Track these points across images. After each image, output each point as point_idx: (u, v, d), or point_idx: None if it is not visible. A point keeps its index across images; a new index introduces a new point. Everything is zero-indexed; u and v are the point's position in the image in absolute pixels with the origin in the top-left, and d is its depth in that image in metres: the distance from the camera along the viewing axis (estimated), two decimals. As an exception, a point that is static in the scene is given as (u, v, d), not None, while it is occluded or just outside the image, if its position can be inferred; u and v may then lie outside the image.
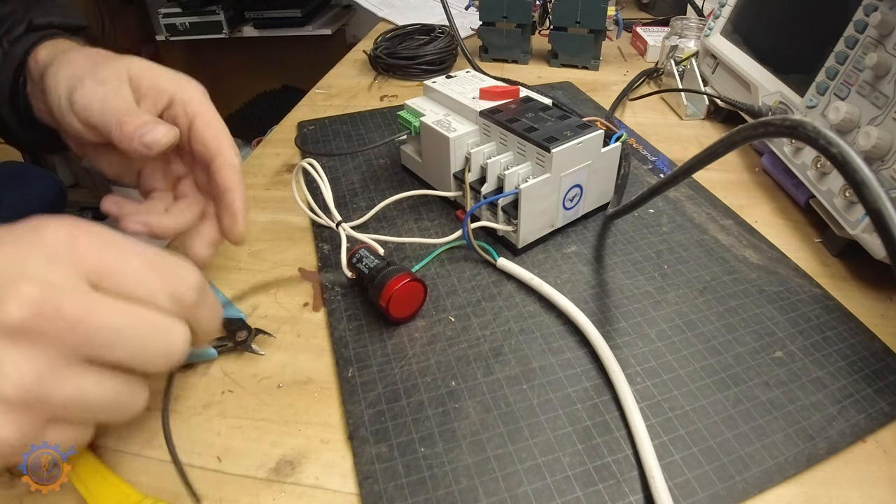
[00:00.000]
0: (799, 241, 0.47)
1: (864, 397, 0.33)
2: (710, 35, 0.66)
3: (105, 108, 0.32)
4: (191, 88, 0.36)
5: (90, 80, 0.33)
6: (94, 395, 0.23)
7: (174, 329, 0.25)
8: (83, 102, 0.32)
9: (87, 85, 0.33)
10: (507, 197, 0.43)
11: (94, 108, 0.32)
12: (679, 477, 0.30)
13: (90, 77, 0.33)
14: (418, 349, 0.37)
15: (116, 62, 0.34)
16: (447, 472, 0.30)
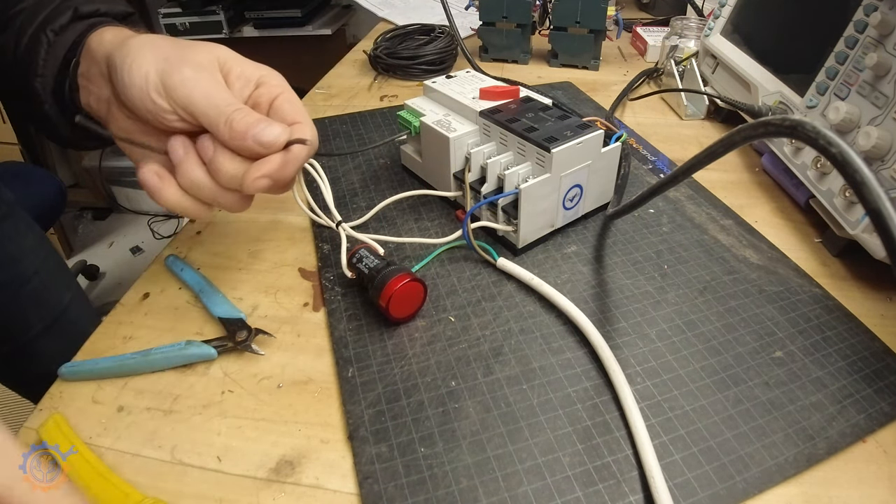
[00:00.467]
0: (799, 241, 0.47)
1: (864, 397, 0.33)
2: (710, 35, 0.65)
3: (210, 100, 0.32)
4: (275, 74, 0.36)
5: (189, 67, 0.32)
6: None
7: None
8: (184, 90, 0.32)
9: (186, 72, 0.32)
10: (507, 197, 0.43)
11: (196, 98, 0.32)
12: (679, 477, 0.30)
13: (187, 63, 0.32)
14: (418, 349, 0.37)
15: (203, 48, 0.34)
16: (447, 472, 0.30)
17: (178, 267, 0.44)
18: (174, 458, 0.32)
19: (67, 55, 0.36)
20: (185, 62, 0.32)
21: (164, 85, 0.32)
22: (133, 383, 0.36)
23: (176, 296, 0.43)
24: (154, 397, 0.35)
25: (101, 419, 0.34)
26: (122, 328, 0.40)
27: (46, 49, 0.36)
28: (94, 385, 0.36)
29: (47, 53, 0.36)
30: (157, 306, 0.42)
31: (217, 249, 0.47)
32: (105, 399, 0.35)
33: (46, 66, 0.36)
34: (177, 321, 0.41)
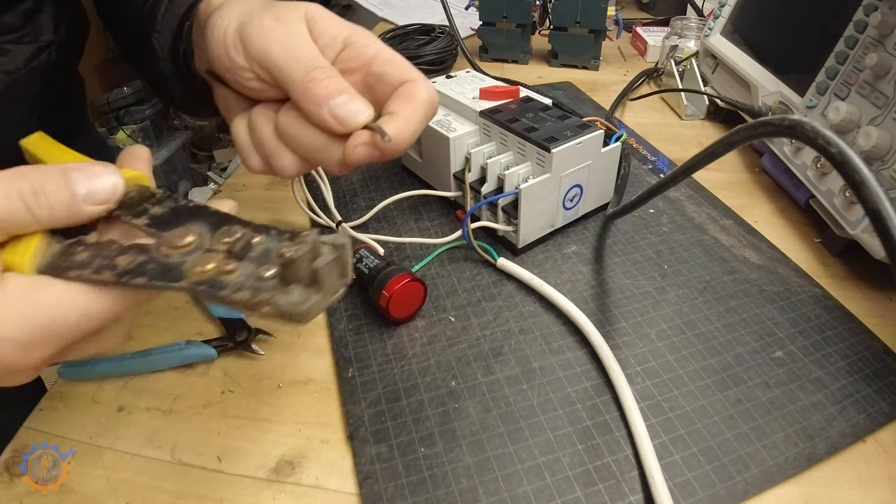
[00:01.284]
0: (799, 241, 0.46)
1: (864, 397, 0.33)
2: (710, 35, 0.65)
3: (288, 53, 0.27)
4: (365, 33, 0.30)
5: (268, 17, 0.28)
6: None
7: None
8: (260, 41, 0.28)
9: (266, 21, 0.28)
10: (507, 197, 0.43)
11: (273, 49, 0.27)
12: (679, 477, 0.30)
13: (268, 13, 0.28)
14: (418, 349, 0.37)
15: (291, 2, 0.30)
16: (447, 472, 0.30)
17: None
18: (174, 458, 0.32)
19: (183, 18, 0.34)
20: (267, 13, 0.28)
21: (240, 37, 0.28)
22: (133, 383, 0.36)
23: (176, 296, 0.43)
24: (154, 397, 0.35)
25: (101, 419, 0.34)
26: (122, 328, 0.40)
27: (166, 6, 0.35)
28: (94, 385, 0.36)
29: (166, 10, 0.35)
30: (157, 306, 0.42)
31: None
32: (105, 399, 0.35)
33: (164, 24, 0.34)
34: (177, 321, 0.41)
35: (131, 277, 0.20)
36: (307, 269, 0.20)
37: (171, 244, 0.21)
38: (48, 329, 0.20)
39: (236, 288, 0.20)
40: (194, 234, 0.21)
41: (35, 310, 0.20)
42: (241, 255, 0.21)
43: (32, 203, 0.20)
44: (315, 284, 0.20)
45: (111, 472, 0.31)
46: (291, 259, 0.19)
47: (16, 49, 0.38)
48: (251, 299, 0.19)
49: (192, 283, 0.20)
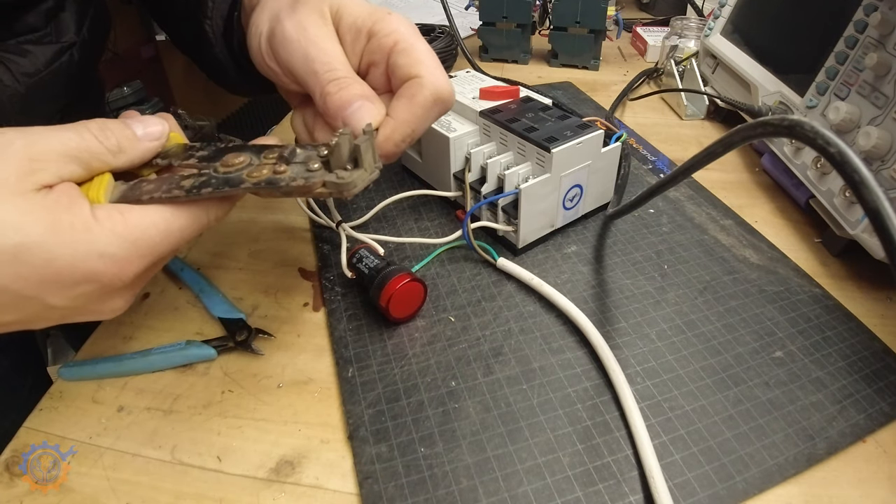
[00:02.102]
0: (799, 241, 0.46)
1: (864, 397, 0.33)
2: (710, 35, 0.65)
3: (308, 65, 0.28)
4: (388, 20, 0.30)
5: (291, 23, 0.29)
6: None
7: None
8: (284, 54, 0.29)
9: (288, 28, 0.28)
10: (507, 197, 0.43)
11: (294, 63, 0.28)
12: (679, 477, 0.30)
13: (291, 18, 0.29)
14: (418, 349, 0.37)
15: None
16: (447, 472, 0.30)
17: (178, 267, 0.44)
18: (174, 458, 0.32)
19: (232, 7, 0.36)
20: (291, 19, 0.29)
21: (270, 47, 0.29)
22: (133, 383, 0.36)
23: (176, 296, 0.43)
24: (154, 397, 0.35)
25: (101, 419, 0.34)
26: (122, 328, 0.40)
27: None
28: (94, 385, 0.36)
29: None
30: (157, 306, 0.42)
31: (217, 249, 0.47)
32: (105, 399, 0.35)
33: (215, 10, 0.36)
34: (177, 321, 0.41)
35: (199, 190, 0.23)
36: (347, 153, 0.23)
37: (227, 163, 0.24)
38: (137, 244, 0.23)
39: (291, 179, 0.23)
40: (244, 156, 0.25)
41: (124, 227, 0.23)
42: (288, 160, 0.24)
43: (101, 136, 0.24)
44: (355, 162, 0.24)
45: (111, 472, 0.31)
46: (335, 145, 0.23)
47: (36, 50, 0.38)
48: (306, 183, 0.23)
49: (253, 183, 0.23)
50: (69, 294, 0.23)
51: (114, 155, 0.24)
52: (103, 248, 0.22)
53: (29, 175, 0.22)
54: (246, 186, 0.23)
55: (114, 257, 0.22)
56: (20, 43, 0.37)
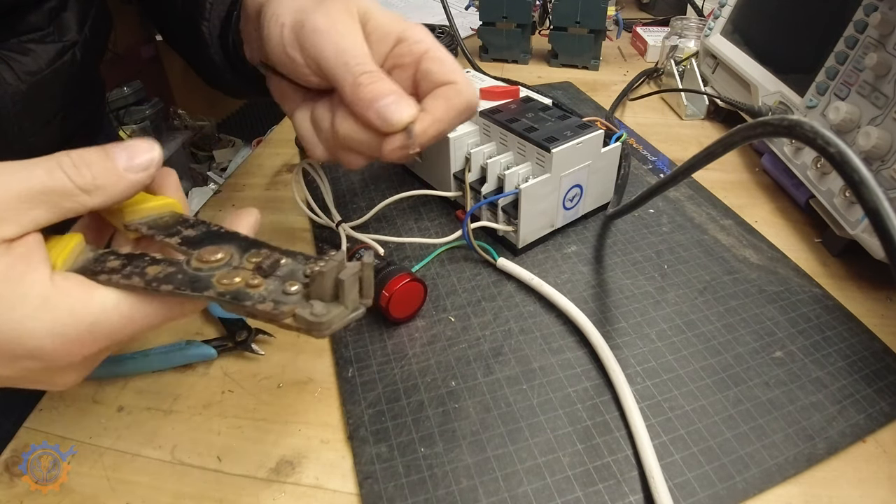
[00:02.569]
0: (799, 241, 0.46)
1: (864, 397, 0.33)
2: (710, 35, 0.65)
3: (339, 57, 0.28)
4: (417, 28, 0.31)
5: (321, 15, 0.29)
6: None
7: None
8: (313, 43, 0.29)
9: (319, 20, 0.29)
10: (507, 197, 0.43)
11: (325, 53, 0.28)
12: (679, 477, 0.30)
13: (320, 11, 0.29)
14: (418, 349, 0.37)
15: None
16: (447, 472, 0.30)
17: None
18: (174, 458, 0.32)
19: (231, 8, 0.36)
20: (320, 9, 0.29)
21: (296, 37, 0.29)
22: (133, 383, 0.36)
23: (176, 296, 0.43)
24: (154, 397, 0.35)
25: (101, 419, 0.34)
26: (122, 328, 0.40)
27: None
28: (94, 385, 0.36)
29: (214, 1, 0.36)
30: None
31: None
32: (105, 399, 0.35)
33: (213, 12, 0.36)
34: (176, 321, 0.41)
35: (160, 284, 0.21)
36: (331, 284, 0.20)
37: (201, 259, 0.22)
38: (93, 328, 0.21)
39: (260, 300, 0.20)
40: (224, 252, 0.22)
41: (83, 307, 0.20)
42: (267, 272, 0.21)
43: (73, 172, 0.21)
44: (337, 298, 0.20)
45: (111, 472, 0.31)
46: (318, 273, 0.20)
47: (39, 49, 0.37)
48: (273, 310, 0.20)
49: (217, 292, 0.20)
50: (13, 366, 0.21)
51: (89, 194, 0.21)
52: (54, 326, 0.20)
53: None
54: (208, 295, 0.20)
55: (65, 337, 0.20)
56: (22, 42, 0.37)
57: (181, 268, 0.22)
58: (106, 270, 0.21)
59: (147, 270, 0.21)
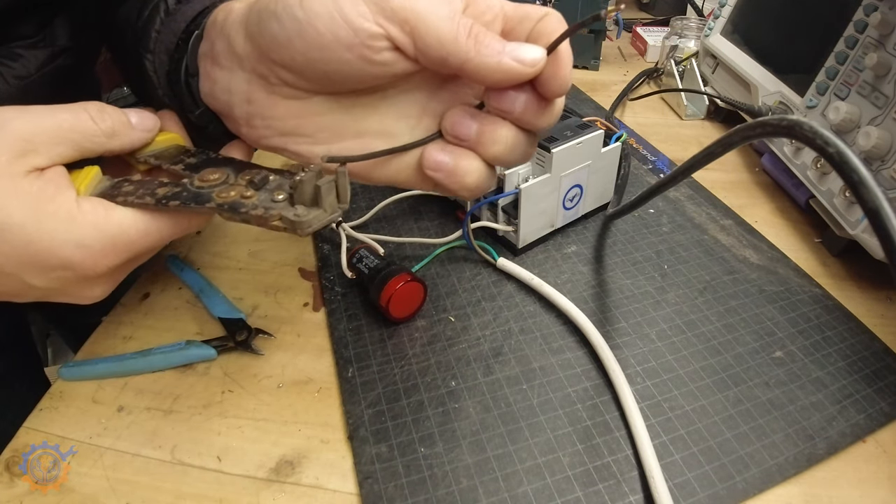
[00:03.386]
0: (799, 241, 0.46)
1: (864, 397, 0.33)
2: (710, 35, 0.65)
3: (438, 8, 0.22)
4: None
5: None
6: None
7: None
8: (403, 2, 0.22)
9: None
10: (507, 197, 0.43)
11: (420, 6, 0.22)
12: (679, 477, 0.30)
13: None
14: (418, 349, 0.37)
15: None
16: (447, 472, 0.30)
17: (178, 267, 0.44)
18: (174, 458, 0.32)
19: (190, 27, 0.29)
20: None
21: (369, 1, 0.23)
22: (133, 383, 0.36)
23: (176, 296, 0.43)
24: (154, 397, 0.35)
25: (101, 419, 0.34)
26: (122, 328, 0.40)
27: (162, 19, 0.29)
28: (94, 385, 0.36)
29: (162, 25, 0.29)
30: (157, 306, 0.42)
31: (217, 249, 0.47)
32: (105, 399, 0.35)
33: (159, 42, 0.29)
34: (177, 321, 0.41)
35: (168, 201, 0.24)
36: (311, 190, 0.23)
37: (203, 178, 0.25)
38: (115, 240, 0.24)
39: (252, 207, 0.24)
40: (221, 173, 0.26)
41: (105, 222, 0.24)
42: (258, 185, 0.25)
43: (97, 117, 0.25)
44: (316, 202, 0.23)
45: (111, 472, 0.31)
46: (298, 182, 0.23)
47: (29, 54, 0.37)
48: (264, 214, 0.23)
49: (217, 204, 0.24)
50: (47, 276, 0.24)
51: (108, 138, 0.25)
52: (81, 238, 0.23)
53: (21, 157, 0.23)
54: (210, 206, 0.24)
55: (90, 249, 0.23)
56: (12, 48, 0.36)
57: (186, 187, 0.25)
58: (122, 194, 0.25)
59: (157, 191, 0.25)
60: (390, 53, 0.23)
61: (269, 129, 0.26)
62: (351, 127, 0.26)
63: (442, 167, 0.25)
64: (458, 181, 0.25)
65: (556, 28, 0.24)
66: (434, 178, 0.25)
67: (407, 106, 0.26)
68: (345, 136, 0.26)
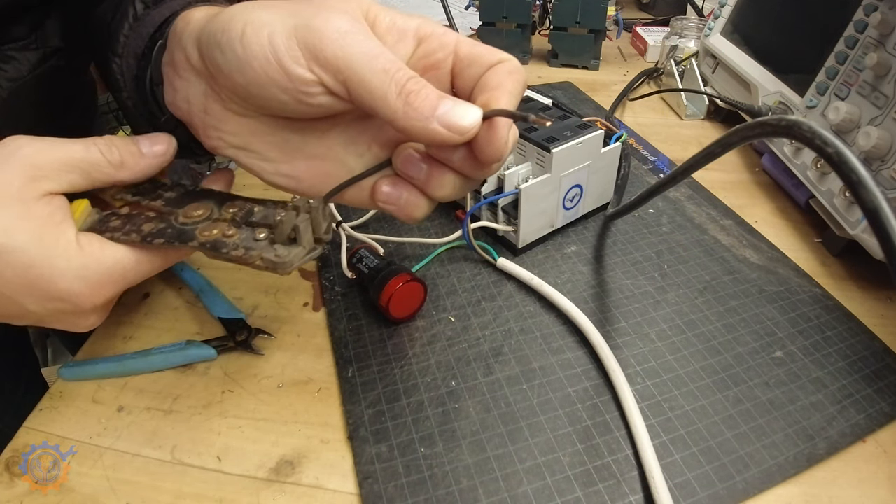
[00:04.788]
0: (799, 241, 0.46)
1: (864, 397, 0.33)
2: (710, 35, 0.65)
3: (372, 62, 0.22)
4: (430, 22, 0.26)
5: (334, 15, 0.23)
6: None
7: None
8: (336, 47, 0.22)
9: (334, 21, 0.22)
10: (507, 197, 0.43)
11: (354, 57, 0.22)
12: (679, 477, 0.30)
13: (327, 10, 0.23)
14: (418, 349, 0.37)
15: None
16: (447, 472, 0.30)
17: (178, 267, 0.44)
18: (174, 458, 0.32)
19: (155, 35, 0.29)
20: (328, 11, 0.23)
21: (303, 46, 0.22)
22: (133, 383, 0.36)
23: (176, 296, 0.43)
24: (154, 397, 0.35)
25: (101, 419, 0.34)
26: (122, 328, 0.40)
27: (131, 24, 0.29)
28: (94, 385, 0.36)
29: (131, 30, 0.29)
30: (157, 306, 0.42)
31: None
32: (105, 399, 0.35)
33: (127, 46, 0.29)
34: (177, 321, 0.41)
35: (153, 239, 0.25)
36: (289, 230, 0.24)
37: (186, 214, 0.26)
38: (112, 271, 0.25)
39: (234, 247, 0.24)
40: (205, 208, 0.26)
41: (101, 255, 0.24)
42: (240, 222, 0.25)
43: (105, 150, 0.25)
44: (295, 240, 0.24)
45: (111, 472, 0.31)
46: (278, 222, 0.24)
47: (20, 56, 0.37)
48: (245, 255, 0.24)
49: (200, 242, 0.25)
50: (45, 305, 0.24)
51: (116, 168, 0.26)
52: (82, 271, 0.24)
53: (32, 181, 0.23)
54: (192, 245, 0.25)
55: (89, 281, 0.24)
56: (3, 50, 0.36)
57: (171, 223, 0.26)
58: (110, 229, 0.25)
59: (143, 227, 0.25)
60: (325, 98, 0.23)
61: (221, 140, 0.26)
62: (301, 150, 0.26)
63: (392, 200, 0.26)
64: (407, 213, 0.26)
65: (503, 81, 0.24)
66: (385, 208, 0.26)
67: (356, 134, 0.27)
68: (295, 157, 0.27)
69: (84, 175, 0.25)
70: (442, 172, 0.25)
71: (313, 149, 0.27)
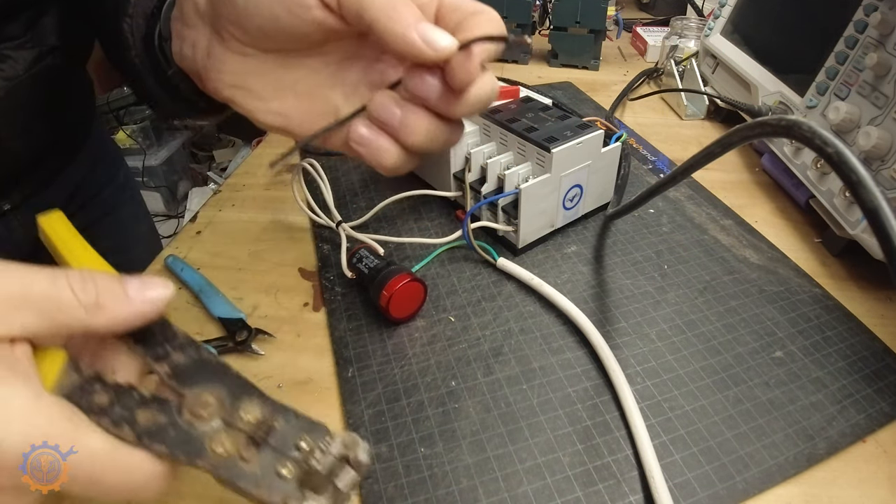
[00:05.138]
0: (799, 241, 0.46)
1: (864, 397, 0.33)
2: (710, 35, 0.65)
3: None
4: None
5: None
6: None
7: None
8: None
9: None
10: (507, 197, 0.43)
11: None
12: (679, 477, 0.30)
13: None
14: (418, 349, 0.37)
15: None
16: (447, 472, 0.30)
17: (178, 267, 0.44)
18: (174, 458, 0.32)
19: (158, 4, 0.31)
20: None
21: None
22: (133, 383, 0.36)
23: (176, 296, 0.43)
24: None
25: (102, 419, 0.34)
26: (122, 328, 0.40)
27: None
28: (95, 385, 0.36)
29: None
30: (157, 306, 0.42)
31: (217, 249, 0.47)
32: (105, 399, 0.35)
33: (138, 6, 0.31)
34: (176, 321, 0.40)
35: (152, 442, 0.20)
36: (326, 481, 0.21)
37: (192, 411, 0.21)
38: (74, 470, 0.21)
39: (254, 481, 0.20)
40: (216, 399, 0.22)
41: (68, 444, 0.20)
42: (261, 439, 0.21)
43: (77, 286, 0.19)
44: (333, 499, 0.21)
45: (111, 472, 0.31)
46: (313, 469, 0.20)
47: (17, 55, 0.37)
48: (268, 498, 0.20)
49: (212, 463, 0.20)
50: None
51: (89, 312, 0.19)
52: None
53: None
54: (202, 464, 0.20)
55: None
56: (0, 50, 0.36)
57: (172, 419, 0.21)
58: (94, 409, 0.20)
59: (137, 417, 0.20)
60: (319, 12, 0.24)
61: (220, 81, 0.27)
62: (292, 88, 0.28)
63: (364, 142, 0.26)
64: (376, 158, 0.26)
65: (482, 25, 0.25)
66: (356, 150, 0.26)
67: (346, 73, 0.28)
68: (286, 95, 0.28)
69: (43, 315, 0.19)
70: (416, 117, 0.25)
71: (303, 87, 0.28)
